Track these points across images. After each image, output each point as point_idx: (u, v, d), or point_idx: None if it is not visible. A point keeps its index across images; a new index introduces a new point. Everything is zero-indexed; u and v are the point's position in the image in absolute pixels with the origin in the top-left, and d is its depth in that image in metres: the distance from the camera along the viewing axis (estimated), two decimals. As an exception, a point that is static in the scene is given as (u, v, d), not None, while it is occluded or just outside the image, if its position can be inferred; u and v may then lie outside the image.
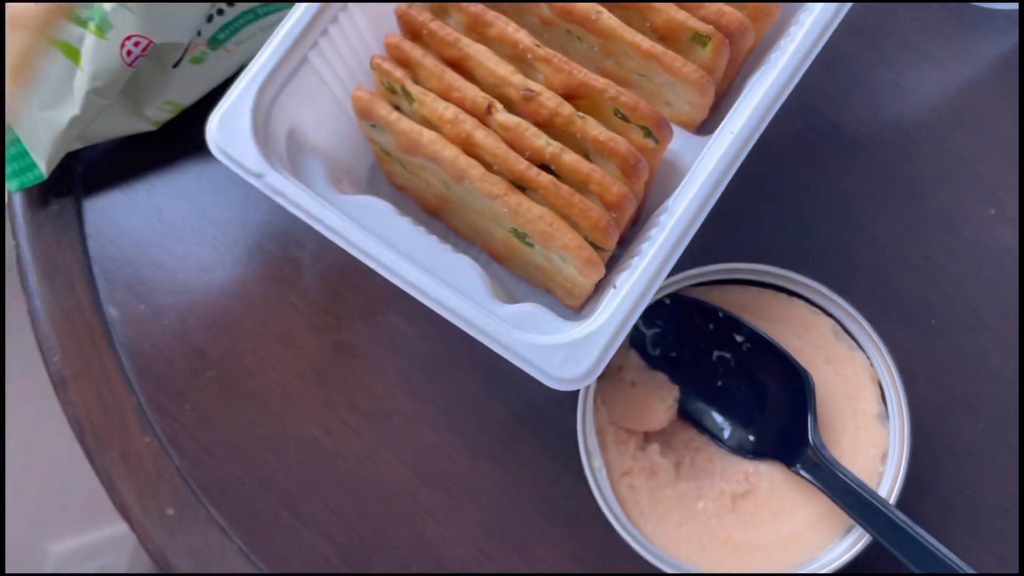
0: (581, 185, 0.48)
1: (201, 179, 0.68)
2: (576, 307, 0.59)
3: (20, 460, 1.23)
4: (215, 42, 0.63)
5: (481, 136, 0.48)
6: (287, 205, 0.47)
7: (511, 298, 0.56)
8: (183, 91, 0.64)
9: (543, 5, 0.51)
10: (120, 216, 0.67)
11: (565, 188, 0.47)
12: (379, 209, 0.51)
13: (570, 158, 0.47)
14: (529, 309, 0.49)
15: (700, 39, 0.49)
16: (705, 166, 0.47)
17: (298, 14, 0.49)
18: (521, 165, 0.47)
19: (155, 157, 0.68)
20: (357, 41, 0.53)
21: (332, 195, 0.51)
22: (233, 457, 0.63)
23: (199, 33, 0.61)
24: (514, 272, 0.62)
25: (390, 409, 0.64)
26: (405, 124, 0.49)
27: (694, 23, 0.48)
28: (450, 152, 0.48)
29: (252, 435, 0.64)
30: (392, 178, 0.61)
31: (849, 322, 0.57)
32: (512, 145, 0.48)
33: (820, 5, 0.48)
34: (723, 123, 0.49)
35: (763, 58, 0.52)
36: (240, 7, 0.62)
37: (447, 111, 0.48)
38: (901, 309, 0.62)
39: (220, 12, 0.62)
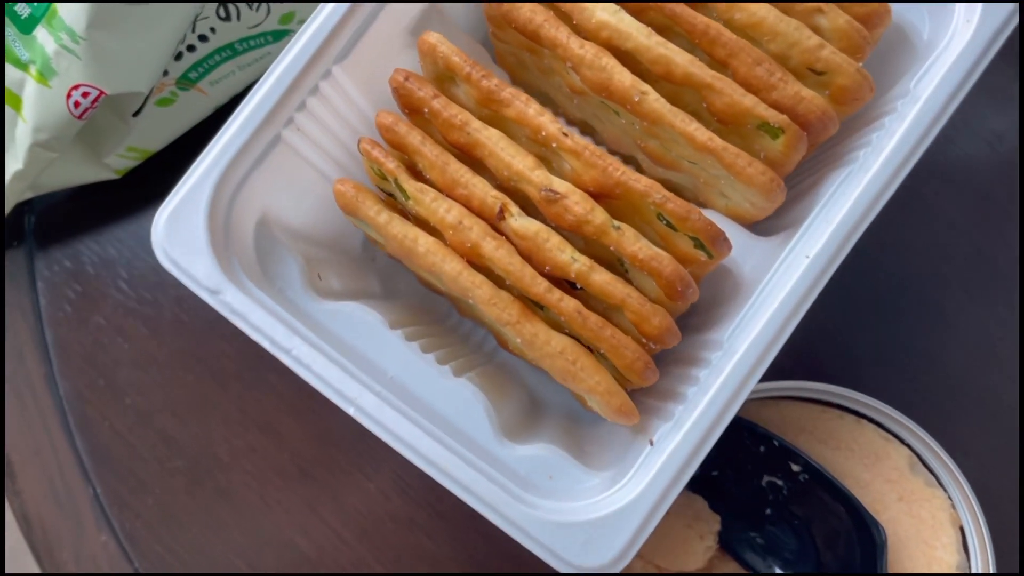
0: (614, 308, 0.39)
1: (173, 232, 0.59)
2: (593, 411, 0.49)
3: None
4: (186, 81, 0.53)
5: (490, 248, 0.38)
6: (247, 329, 0.38)
7: (524, 413, 0.47)
8: (149, 136, 0.55)
9: (571, 72, 0.41)
10: (78, 273, 0.58)
11: (593, 319, 0.37)
12: (365, 322, 0.41)
13: (601, 279, 0.38)
14: (542, 454, 0.40)
15: (770, 130, 0.39)
16: (772, 299, 0.37)
17: (266, 88, 0.39)
18: (539, 287, 0.38)
19: (118, 206, 0.59)
20: (345, 108, 0.43)
21: (308, 302, 0.42)
22: (201, 561, 0.55)
23: (166, 72, 0.52)
24: (527, 361, 0.52)
25: (382, 513, 0.55)
26: (397, 228, 0.39)
27: (763, 111, 0.38)
28: (451, 267, 0.38)
29: (223, 537, 0.55)
30: (390, 254, 0.51)
31: (927, 454, 0.48)
32: (529, 258, 0.38)
33: (929, 87, 0.38)
34: (797, 235, 0.39)
35: (844, 147, 0.42)
36: (214, 43, 0.52)
37: (449, 214, 0.38)
38: (986, 442, 0.52)
39: (191, 48, 0.52)
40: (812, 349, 0.53)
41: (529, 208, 0.40)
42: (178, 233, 0.38)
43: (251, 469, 0.56)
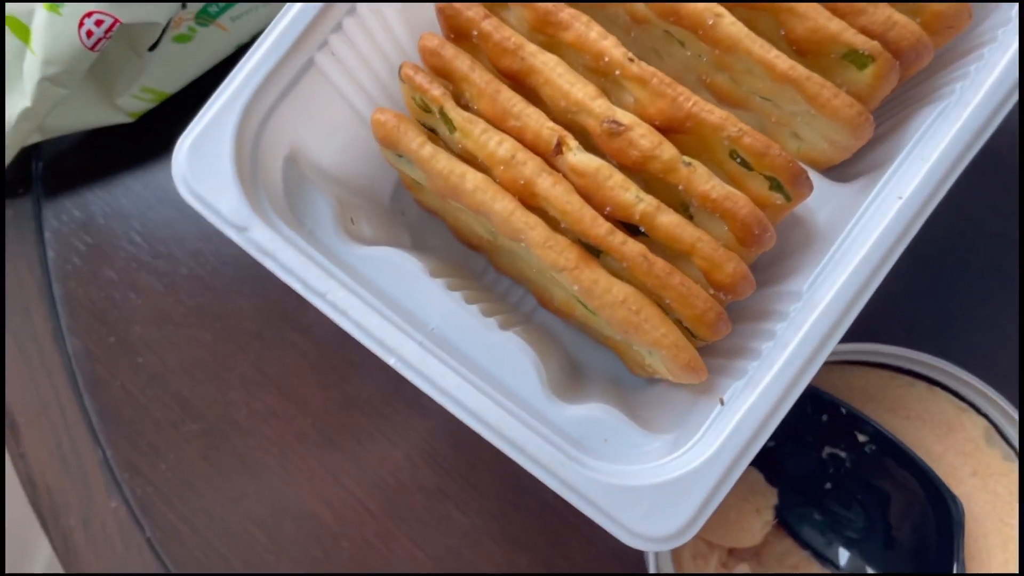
0: (680, 255, 0.35)
1: (189, 182, 0.55)
2: (645, 376, 0.46)
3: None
4: (205, 16, 0.49)
5: (547, 185, 0.34)
6: (277, 270, 0.34)
7: (567, 374, 0.44)
8: (165, 76, 0.51)
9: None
10: (88, 224, 0.55)
11: (661, 264, 0.34)
12: (404, 269, 0.38)
13: (668, 220, 0.34)
14: (596, 415, 0.37)
15: (857, 58, 0.35)
16: (859, 244, 0.33)
17: (299, 5, 0.35)
18: (600, 229, 0.34)
19: (131, 153, 0.55)
20: (383, 35, 0.39)
21: (341, 246, 0.38)
22: (215, 530, 0.52)
23: (184, 6, 0.48)
24: (569, 324, 0.49)
25: (409, 483, 0.52)
26: (443, 162, 0.35)
27: (852, 37, 0.34)
28: (503, 206, 0.34)
29: (240, 505, 0.52)
30: (423, 203, 0.48)
31: (1006, 425, 0.44)
32: (588, 197, 0.35)
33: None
34: (884, 177, 0.35)
35: (934, 82, 0.38)
36: (236, -26, 0.48)
37: (501, 147, 0.35)
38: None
39: (211, -21, 0.48)
40: (872, 312, 0.49)
41: (588, 144, 0.36)
42: (202, 163, 0.34)
43: (271, 434, 0.52)
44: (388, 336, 0.34)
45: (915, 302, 0.49)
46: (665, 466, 0.33)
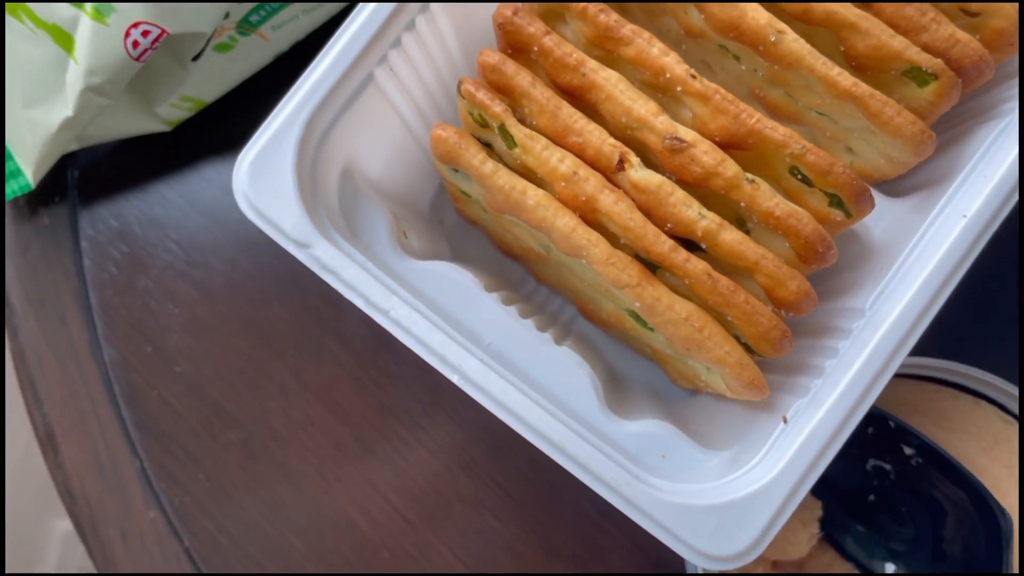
0: (740, 272, 0.35)
1: (224, 190, 0.55)
2: (688, 388, 0.46)
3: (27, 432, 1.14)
4: (247, 25, 0.49)
5: (609, 202, 0.34)
6: (341, 288, 0.34)
7: (609, 386, 0.44)
8: (204, 85, 0.51)
9: (692, 8, 0.37)
10: (124, 232, 0.54)
11: (724, 282, 0.34)
12: (460, 284, 0.38)
13: (732, 238, 0.34)
14: (653, 431, 0.37)
15: (918, 76, 0.35)
16: (923, 262, 0.34)
17: (364, 16, 0.35)
18: (663, 246, 0.34)
19: (168, 162, 0.55)
20: (437, 50, 0.39)
21: (398, 261, 0.38)
22: (254, 540, 0.52)
23: (227, 15, 0.48)
24: (610, 333, 0.49)
25: (447, 492, 0.52)
26: (503, 179, 0.35)
27: (915, 55, 0.34)
28: (565, 222, 0.34)
29: (278, 514, 0.52)
30: (464, 213, 0.48)
31: (1053, 437, 0.44)
32: (649, 213, 0.35)
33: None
34: (947, 194, 0.35)
35: (991, 98, 0.38)
36: (279, -17, 0.48)
37: (563, 164, 0.35)
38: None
39: (254, -12, 0.48)
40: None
41: (647, 160, 0.36)
42: (263, 179, 0.34)
43: (309, 443, 0.52)
44: (451, 353, 0.34)
45: (957, 313, 0.49)
46: (730, 484, 0.33)
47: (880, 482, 0.46)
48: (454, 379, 0.34)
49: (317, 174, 0.36)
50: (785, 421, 0.34)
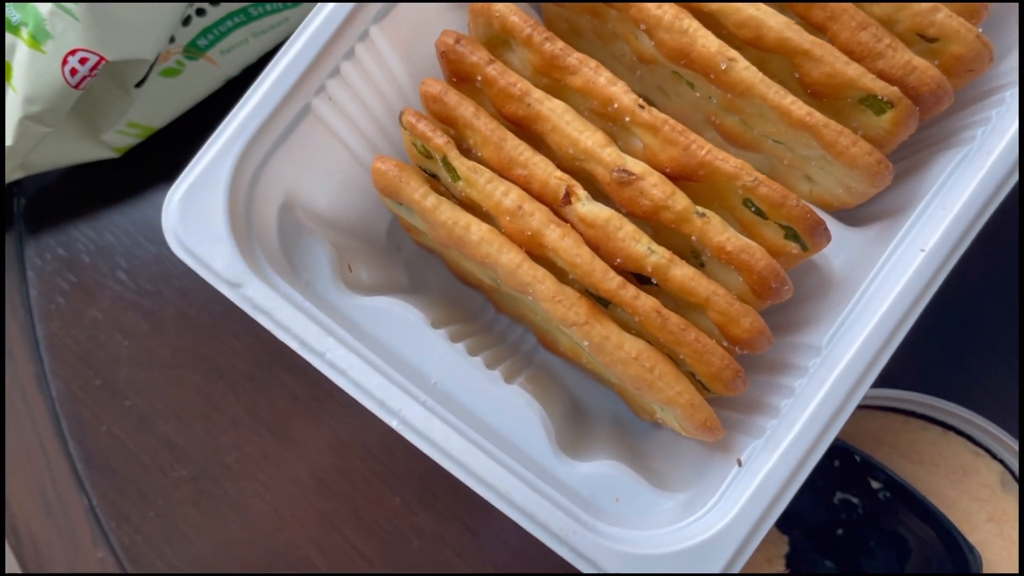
0: (693, 308, 0.34)
1: (177, 217, 0.53)
2: (650, 420, 0.45)
3: None
4: (194, 49, 0.48)
5: (555, 237, 0.33)
6: (273, 328, 0.33)
7: (570, 419, 0.42)
8: (152, 111, 0.49)
9: (643, 37, 0.36)
10: (72, 262, 0.53)
11: (675, 320, 0.32)
12: (405, 320, 0.36)
13: (683, 274, 0.33)
14: (606, 472, 0.36)
15: (875, 104, 0.34)
16: (881, 298, 0.32)
17: (297, 48, 0.34)
18: (611, 283, 0.33)
19: (117, 189, 0.53)
20: (382, 78, 0.38)
21: (340, 297, 0.37)
22: (207, 580, 0.50)
23: (172, 39, 0.46)
24: (572, 364, 0.47)
25: (406, 528, 0.50)
26: (446, 214, 0.34)
27: (870, 82, 0.33)
28: (509, 259, 0.33)
29: (232, 553, 0.50)
30: (420, 242, 0.46)
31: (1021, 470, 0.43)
32: (597, 248, 0.33)
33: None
34: (906, 226, 0.34)
35: (951, 125, 0.37)
36: (226, 7, 0.47)
37: (507, 198, 0.33)
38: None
39: (200, 12, 0.47)
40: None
41: (593, 190, 0.35)
42: (193, 217, 0.33)
43: (263, 478, 0.51)
44: (390, 397, 0.32)
45: (924, 343, 0.48)
46: (682, 531, 0.32)
47: (848, 516, 0.44)
48: (393, 424, 0.32)
49: (252, 210, 0.34)
50: (740, 464, 0.33)
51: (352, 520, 0.50)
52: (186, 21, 0.46)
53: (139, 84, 0.46)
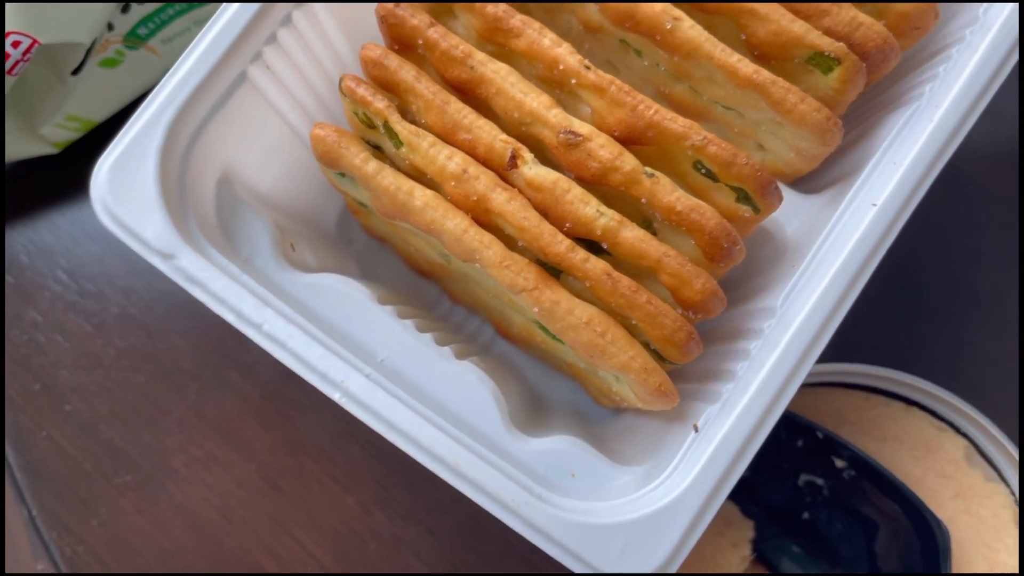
0: (645, 272, 0.33)
1: (120, 216, 0.51)
2: (611, 407, 0.43)
3: None
4: (134, 38, 0.47)
5: (501, 201, 0.32)
6: (208, 300, 0.31)
7: (528, 408, 0.41)
8: (92, 103, 0.48)
9: (590, 5, 0.35)
10: (10, 263, 0.51)
11: (626, 283, 0.31)
12: (349, 297, 0.35)
13: (632, 236, 0.32)
14: (562, 448, 0.34)
15: (822, 62, 0.33)
16: (834, 255, 0.32)
17: (231, 12, 0.33)
18: (560, 246, 0.32)
19: (57, 186, 0.52)
20: (321, 47, 0.37)
21: (281, 273, 0.35)
22: (154, 590, 0.48)
23: (110, 27, 0.45)
24: (530, 353, 0.46)
25: (362, 530, 0.48)
26: (388, 179, 0.33)
27: (816, 39, 0.33)
28: (455, 224, 0.32)
29: (179, 560, 0.48)
30: (370, 229, 0.45)
31: (987, 444, 0.42)
32: (546, 212, 0.32)
33: (1007, 7, 0.33)
34: (856, 184, 0.34)
35: (900, 87, 0.37)
36: (166, -7, 0.46)
37: (451, 162, 0.32)
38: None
39: (139, -1, 0.45)
40: (841, 330, 0.48)
41: (544, 158, 0.34)
42: (123, 186, 0.31)
43: (211, 482, 0.49)
44: (332, 369, 0.31)
45: (884, 319, 0.47)
46: (638, 501, 0.31)
47: (813, 498, 0.43)
48: (335, 397, 0.31)
49: (187, 180, 0.33)
50: (696, 430, 0.32)
51: (305, 523, 0.48)
52: (125, 8, 0.45)
53: (76, 71, 0.45)
